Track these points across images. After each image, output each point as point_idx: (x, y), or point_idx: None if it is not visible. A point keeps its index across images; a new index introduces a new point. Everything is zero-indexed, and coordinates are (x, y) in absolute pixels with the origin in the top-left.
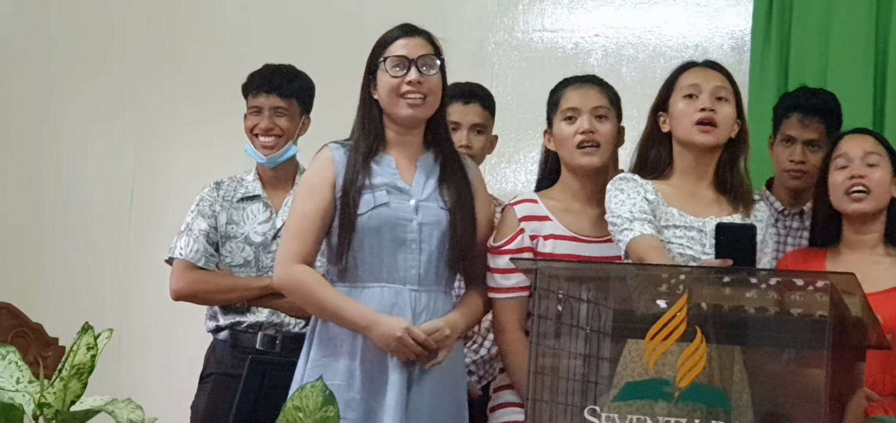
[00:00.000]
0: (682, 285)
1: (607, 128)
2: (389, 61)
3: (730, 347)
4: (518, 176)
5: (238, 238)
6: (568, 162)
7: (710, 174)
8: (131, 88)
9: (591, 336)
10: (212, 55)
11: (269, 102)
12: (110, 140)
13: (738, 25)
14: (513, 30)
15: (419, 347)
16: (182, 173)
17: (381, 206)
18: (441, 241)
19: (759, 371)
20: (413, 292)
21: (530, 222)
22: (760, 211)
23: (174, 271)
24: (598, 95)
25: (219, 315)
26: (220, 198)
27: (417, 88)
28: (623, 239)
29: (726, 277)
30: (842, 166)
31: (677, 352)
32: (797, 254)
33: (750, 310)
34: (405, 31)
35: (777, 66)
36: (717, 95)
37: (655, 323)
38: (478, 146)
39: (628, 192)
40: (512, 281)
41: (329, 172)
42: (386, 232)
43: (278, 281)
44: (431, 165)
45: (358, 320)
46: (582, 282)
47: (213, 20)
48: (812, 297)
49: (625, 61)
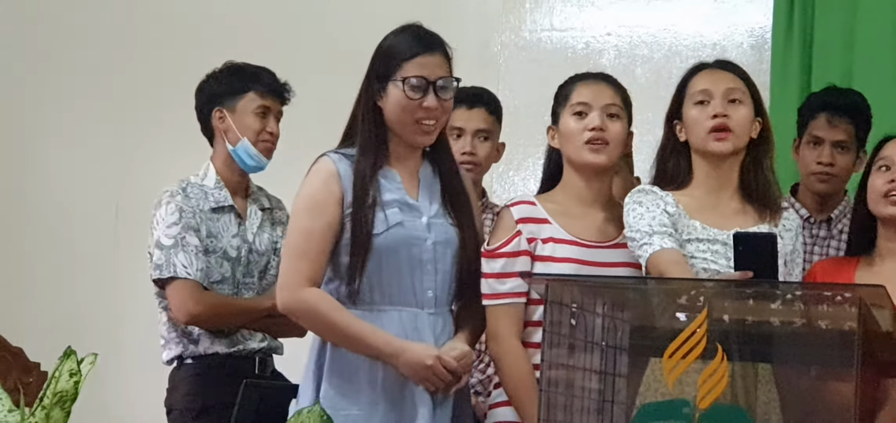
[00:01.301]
0: (700, 300)
1: (618, 128)
2: (408, 83)
3: (753, 364)
4: (527, 185)
5: (217, 253)
6: (573, 159)
7: (734, 182)
8: (114, 97)
9: (606, 351)
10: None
11: (277, 106)
12: (93, 151)
13: (757, 22)
14: (520, 29)
15: (449, 374)
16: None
17: (396, 225)
18: (453, 259)
19: (785, 389)
20: (431, 315)
21: (528, 224)
22: (789, 219)
23: (182, 292)
24: (612, 92)
25: (204, 339)
26: (196, 208)
27: (433, 115)
28: (643, 254)
29: (747, 290)
30: (883, 168)
31: (698, 370)
32: (826, 264)
33: (773, 325)
34: (424, 46)
35: (800, 64)
36: (730, 97)
37: (674, 340)
38: (483, 154)
39: (647, 205)
40: (507, 286)
41: (335, 187)
42: (403, 253)
43: (286, 305)
44: (431, 179)
45: (382, 348)
46: (597, 294)
47: (200, 25)
48: (838, 310)
49: (639, 61)
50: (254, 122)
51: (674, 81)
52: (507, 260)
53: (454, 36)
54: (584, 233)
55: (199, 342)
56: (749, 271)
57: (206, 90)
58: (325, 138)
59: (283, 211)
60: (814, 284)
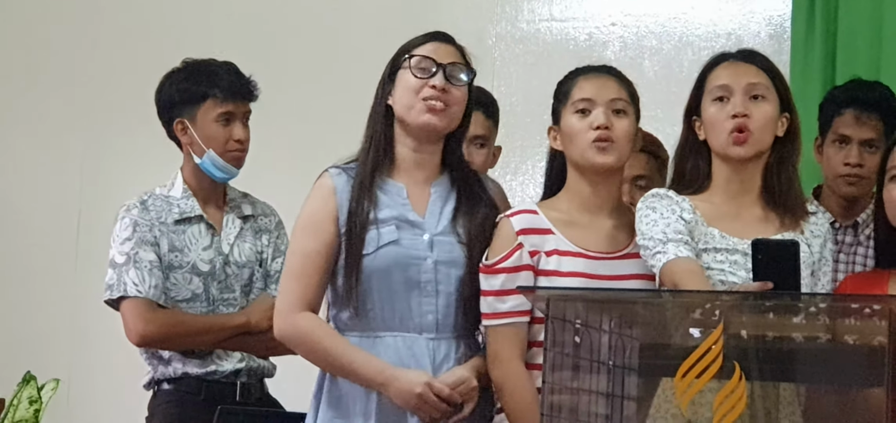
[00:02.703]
0: (715, 314)
1: (625, 125)
2: (415, 61)
3: (774, 384)
4: (526, 189)
5: (184, 268)
6: (578, 161)
7: (757, 186)
8: (76, 102)
9: (614, 372)
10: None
11: (242, 108)
12: (53, 160)
13: (776, 9)
14: (517, 20)
15: (443, 403)
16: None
17: (390, 244)
18: (460, 281)
19: (810, 411)
20: (430, 340)
21: (529, 236)
22: (818, 224)
23: (132, 311)
24: (617, 86)
25: (175, 361)
26: (155, 220)
27: (441, 95)
28: (656, 264)
29: (766, 302)
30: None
31: (714, 391)
32: (858, 277)
33: (795, 341)
34: (437, 37)
35: (822, 55)
36: (752, 93)
37: (687, 358)
38: (479, 161)
39: (661, 211)
40: (508, 305)
41: (331, 203)
42: (396, 274)
43: (281, 331)
44: (447, 191)
45: (373, 377)
46: (603, 309)
47: (166, 27)
48: (866, 324)
49: (647, 53)
50: (217, 132)
51: (685, 75)
52: (508, 276)
53: (445, 28)
54: (591, 243)
55: (170, 364)
56: (769, 282)
57: (164, 97)
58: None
59: (270, 218)
60: (838, 295)
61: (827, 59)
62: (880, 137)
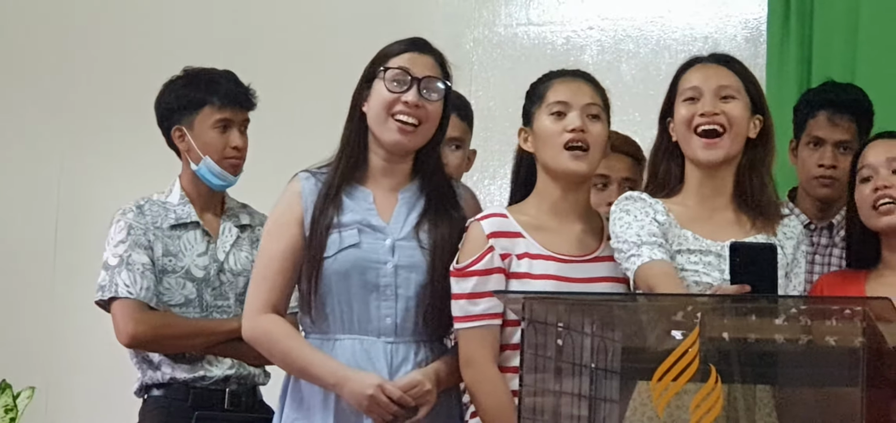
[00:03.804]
0: (691, 316)
1: (599, 130)
2: (390, 73)
3: (751, 386)
4: (504, 194)
5: (177, 273)
6: (550, 165)
7: (729, 189)
8: (54, 105)
9: (593, 374)
10: (146, 67)
11: (241, 116)
12: (31, 167)
13: (752, 12)
14: (494, 25)
15: (395, 405)
16: (114, 203)
17: (350, 247)
18: (421, 286)
19: (786, 413)
20: (388, 344)
21: (500, 239)
22: (790, 226)
23: (123, 312)
24: (592, 91)
25: (164, 366)
26: (150, 225)
27: (413, 112)
28: (631, 266)
29: (743, 305)
30: (866, 178)
31: (690, 393)
32: (832, 277)
33: (772, 343)
34: (415, 46)
35: (798, 58)
36: (722, 94)
37: (663, 362)
38: (454, 164)
39: (635, 214)
40: (481, 307)
41: (296, 207)
42: (355, 277)
43: (246, 333)
44: (415, 198)
45: (327, 377)
46: (584, 312)
47: (146, 35)
48: (842, 326)
49: (624, 57)
50: (215, 138)
51: (663, 78)
52: (480, 279)
53: (423, 33)
54: (561, 247)
55: (159, 368)
56: (746, 285)
57: (163, 105)
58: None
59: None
60: (815, 297)
61: (802, 61)
62: (854, 139)
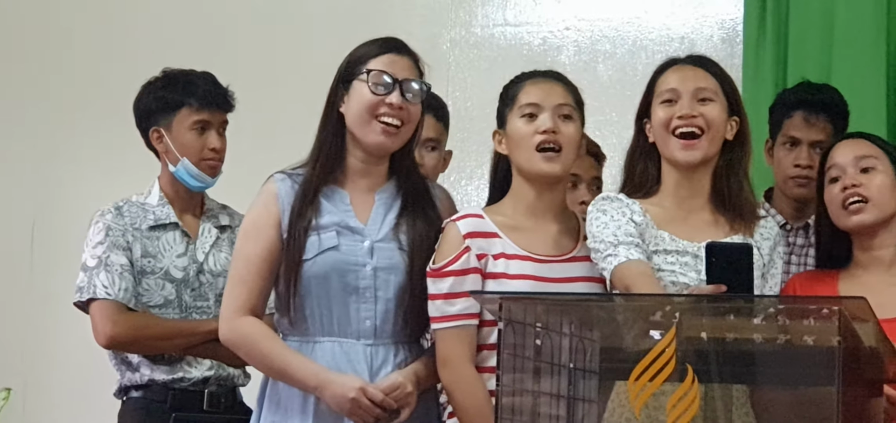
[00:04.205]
0: (670, 317)
1: (572, 130)
2: (373, 76)
3: (728, 386)
4: (481, 194)
5: (156, 274)
6: (523, 167)
7: (706, 190)
8: (32, 105)
9: (570, 374)
10: (124, 67)
11: (219, 117)
12: (7, 167)
13: (728, 13)
14: (471, 25)
15: (377, 408)
16: (91, 202)
17: (329, 249)
18: (400, 287)
19: (762, 412)
20: (368, 346)
21: (476, 239)
22: (767, 227)
23: (102, 313)
24: (563, 92)
25: (143, 367)
26: (129, 226)
27: (397, 113)
28: (607, 266)
29: (719, 305)
30: (835, 178)
31: (667, 393)
32: (805, 277)
33: (748, 343)
34: (393, 47)
35: (774, 58)
36: (700, 97)
37: (640, 362)
38: (431, 164)
39: (612, 213)
40: (457, 307)
41: (273, 209)
42: (334, 279)
43: (224, 335)
44: (392, 198)
45: (308, 380)
46: (562, 312)
47: (126, 27)
48: (818, 326)
49: (601, 58)
50: (192, 140)
51: (639, 78)
52: (456, 279)
53: (400, 33)
54: (537, 247)
55: (138, 370)
56: (722, 285)
57: (141, 106)
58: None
59: None
60: (791, 297)
61: (778, 62)
62: (829, 139)
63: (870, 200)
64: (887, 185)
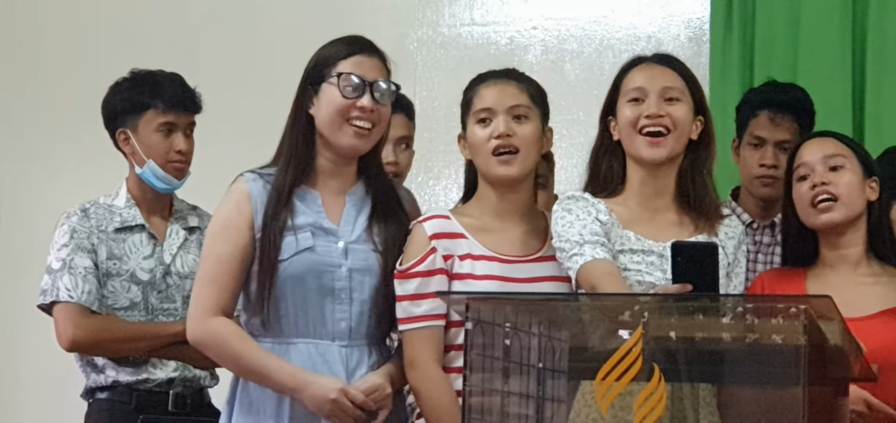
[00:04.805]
0: (638, 316)
1: (527, 130)
2: (343, 78)
3: (694, 385)
4: (448, 194)
5: (122, 276)
6: (483, 171)
7: (671, 190)
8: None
9: (535, 374)
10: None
11: (185, 119)
12: None
13: (695, 12)
14: (438, 25)
15: (357, 409)
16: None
17: (305, 250)
18: (374, 289)
19: (729, 411)
20: (343, 347)
21: (442, 240)
22: (731, 226)
23: (63, 316)
24: (516, 91)
25: (109, 369)
26: (94, 228)
27: (368, 116)
28: (573, 265)
29: (685, 305)
30: (803, 177)
31: (634, 393)
32: (772, 275)
33: (714, 342)
34: (361, 47)
35: (741, 58)
36: (667, 96)
37: (606, 361)
38: (404, 163)
39: (578, 213)
40: (424, 308)
41: (246, 208)
42: (311, 280)
43: (193, 336)
44: (362, 200)
45: (286, 382)
46: (531, 312)
47: (90, 34)
48: (784, 324)
49: (568, 57)
50: (158, 142)
51: (606, 77)
52: (422, 280)
53: (366, 32)
54: (503, 247)
55: (104, 371)
56: (688, 284)
57: (108, 107)
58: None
59: None
60: (757, 296)
61: (745, 61)
62: (795, 138)
63: (839, 199)
64: (855, 183)
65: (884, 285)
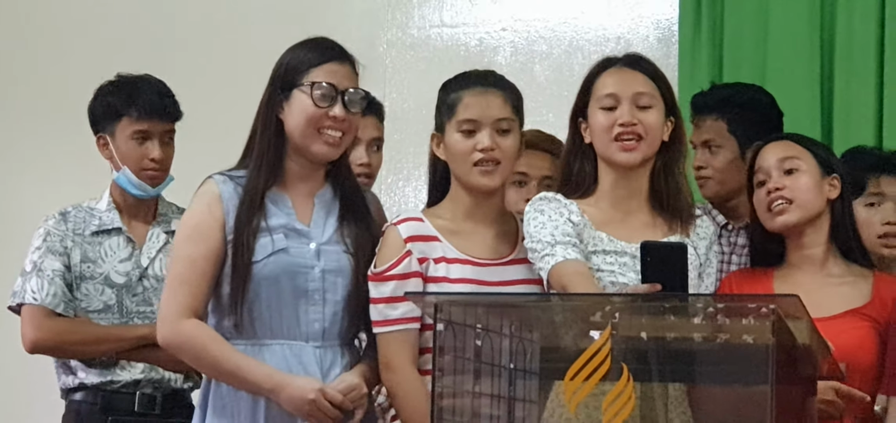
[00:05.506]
0: (609, 316)
1: (509, 142)
2: (317, 87)
3: (662, 385)
4: (418, 196)
5: (96, 279)
6: (462, 179)
7: (643, 191)
8: None
9: (507, 376)
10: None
11: (160, 127)
12: None
13: (664, 13)
14: (407, 27)
15: (335, 409)
16: (26, 209)
17: (279, 252)
18: (346, 290)
19: (699, 410)
20: (317, 348)
21: (417, 243)
22: (703, 227)
23: (27, 318)
24: (501, 103)
25: (79, 370)
26: (70, 231)
27: (339, 126)
28: (545, 266)
29: (654, 305)
30: (761, 182)
31: (603, 393)
32: (740, 275)
33: (683, 341)
34: (333, 54)
35: (709, 58)
36: (639, 103)
37: (575, 361)
38: (376, 164)
39: (549, 214)
40: (399, 311)
41: (217, 210)
42: (285, 282)
43: (165, 339)
44: (330, 202)
45: (262, 382)
46: (502, 314)
47: (71, 36)
48: (751, 324)
49: (537, 58)
50: (132, 149)
51: (576, 79)
52: (398, 283)
53: (336, 34)
54: (476, 251)
55: (75, 373)
56: (657, 284)
57: (90, 112)
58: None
59: None
60: (725, 296)
61: (714, 62)
62: (721, 136)
63: (794, 202)
64: (810, 185)
65: (849, 285)
